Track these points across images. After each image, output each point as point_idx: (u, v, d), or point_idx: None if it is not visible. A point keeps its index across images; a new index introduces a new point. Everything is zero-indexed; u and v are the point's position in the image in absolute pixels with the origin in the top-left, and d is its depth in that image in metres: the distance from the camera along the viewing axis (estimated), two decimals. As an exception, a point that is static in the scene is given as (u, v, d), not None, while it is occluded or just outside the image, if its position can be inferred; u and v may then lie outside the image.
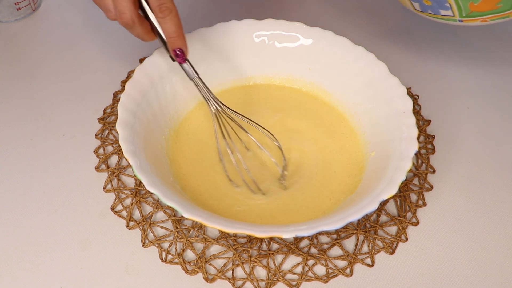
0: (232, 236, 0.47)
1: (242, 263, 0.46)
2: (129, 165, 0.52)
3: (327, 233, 0.48)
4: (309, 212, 0.48)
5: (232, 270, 0.45)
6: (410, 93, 0.60)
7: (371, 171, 0.49)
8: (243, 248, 0.46)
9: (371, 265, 0.46)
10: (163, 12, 0.44)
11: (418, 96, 0.60)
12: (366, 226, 0.49)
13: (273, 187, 0.50)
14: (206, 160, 0.52)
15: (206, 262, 0.46)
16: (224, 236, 0.47)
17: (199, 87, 0.49)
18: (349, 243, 0.48)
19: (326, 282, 0.45)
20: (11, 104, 0.57)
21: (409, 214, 0.50)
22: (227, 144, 0.49)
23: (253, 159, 0.52)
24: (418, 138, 0.47)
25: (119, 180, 0.51)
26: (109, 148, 0.54)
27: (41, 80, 0.60)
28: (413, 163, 0.53)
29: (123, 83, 0.60)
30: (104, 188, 0.50)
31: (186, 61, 0.48)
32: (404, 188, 0.51)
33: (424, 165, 0.54)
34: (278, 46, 0.57)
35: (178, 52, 0.47)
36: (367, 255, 0.47)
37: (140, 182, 0.50)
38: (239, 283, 0.45)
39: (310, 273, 0.46)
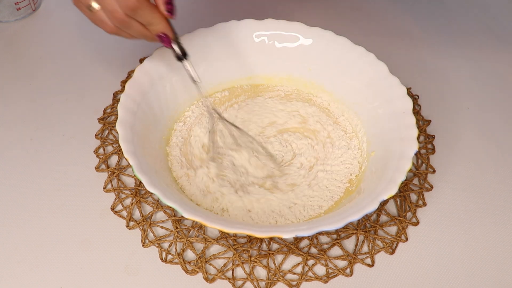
0: (232, 236, 0.47)
1: (242, 263, 0.46)
2: (129, 165, 0.52)
3: (327, 233, 0.48)
4: (309, 212, 0.48)
5: (232, 270, 0.45)
6: (410, 93, 0.60)
7: (371, 171, 0.49)
8: (243, 248, 0.46)
9: (371, 265, 0.46)
10: (131, 9, 0.42)
11: (418, 96, 0.60)
12: (366, 226, 0.49)
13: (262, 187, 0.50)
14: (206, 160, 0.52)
15: (206, 262, 0.46)
16: (224, 236, 0.47)
17: (199, 92, 0.49)
18: (349, 243, 0.48)
19: (326, 282, 0.45)
20: (11, 104, 0.57)
21: (409, 214, 0.50)
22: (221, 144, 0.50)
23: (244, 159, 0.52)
24: (418, 138, 0.46)
25: (119, 180, 0.51)
26: (109, 148, 0.54)
27: (41, 80, 0.60)
28: (413, 163, 0.53)
29: (123, 83, 0.60)
30: (104, 188, 0.50)
31: (173, 45, 0.46)
32: (404, 188, 0.51)
33: (424, 165, 0.54)
34: (278, 46, 0.57)
35: (162, 36, 0.45)
36: (367, 255, 0.47)
37: (140, 182, 0.50)
38: (239, 283, 0.45)
39: (310, 273, 0.46)
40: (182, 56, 0.47)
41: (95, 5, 0.43)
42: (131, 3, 0.41)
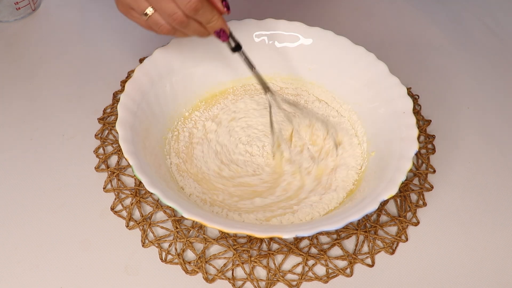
0: (232, 236, 0.47)
1: (242, 263, 0.46)
2: (129, 165, 0.52)
3: (327, 233, 0.48)
4: (309, 211, 0.48)
5: (232, 270, 0.45)
6: (410, 93, 0.60)
7: (371, 171, 0.49)
8: (243, 248, 0.46)
9: (371, 265, 0.46)
10: (193, 10, 0.43)
11: (418, 96, 0.60)
12: (366, 226, 0.49)
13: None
14: (205, 159, 0.52)
15: (206, 262, 0.46)
16: (224, 236, 0.47)
17: (257, 78, 0.51)
18: (349, 243, 0.48)
19: (326, 282, 0.45)
20: (11, 104, 0.57)
21: (409, 214, 0.50)
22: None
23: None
24: (418, 138, 0.47)
25: (119, 180, 0.51)
26: (109, 148, 0.54)
27: (41, 80, 0.60)
28: (413, 163, 0.53)
29: (123, 83, 0.60)
30: (104, 188, 0.50)
31: (230, 40, 0.48)
32: (404, 188, 0.51)
33: (424, 165, 0.54)
34: (278, 46, 0.57)
35: (220, 32, 0.46)
36: (367, 255, 0.47)
37: (140, 182, 0.50)
38: (239, 283, 0.45)
39: (310, 273, 0.46)
40: (237, 47, 0.49)
41: (150, 10, 0.43)
42: (194, 4, 0.42)
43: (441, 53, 0.66)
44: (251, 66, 0.50)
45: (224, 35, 0.46)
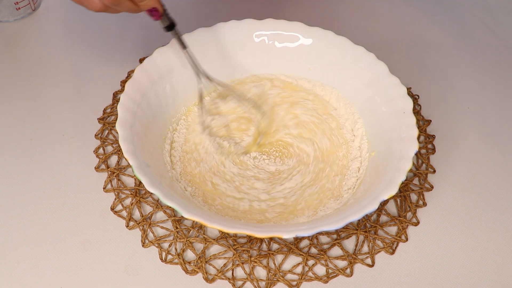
0: (232, 236, 0.47)
1: (242, 263, 0.46)
2: (129, 165, 0.52)
3: (327, 233, 0.48)
4: (309, 211, 0.48)
5: (232, 270, 0.45)
6: (410, 93, 0.60)
7: (371, 171, 0.49)
8: (243, 248, 0.46)
9: (371, 265, 0.46)
10: None
11: (418, 96, 0.60)
12: (366, 226, 0.49)
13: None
14: (205, 159, 0.52)
15: (206, 262, 0.46)
16: (224, 236, 0.47)
17: (189, 58, 0.51)
18: (349, 243, 0.48)
19: (326, 282, 0.45)
20: (11, 104, 0.57)
21: (409, 214, 0.50)
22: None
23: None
24: (418, 138, 0.46)
25: (119, 180, 0.51)
26: (109, 148, 0.54)
27: (41, 80, 0.60)
28: (413, 163, 0.53)
29: (123, 83, 0.60)
30: (104, 188, 0.50)
31: (162, 18, 0.47)
32: (404, 188, 0.51)
33: (424, 165, 0.54)
34: (278, 46, 0.57)
35: (153, 11, 0.46)
36: (367, 255, 0.47)
37: (140, 182, 0.50)
38: (239, 283, 0.45)
39: (310, 273, 0.46)
40: (171, 26, 0.48)
41: None
42: None
43: (441, 53, 0.66)
44: (183, 45, 0.50)
45: (156, 14, 0.46)
